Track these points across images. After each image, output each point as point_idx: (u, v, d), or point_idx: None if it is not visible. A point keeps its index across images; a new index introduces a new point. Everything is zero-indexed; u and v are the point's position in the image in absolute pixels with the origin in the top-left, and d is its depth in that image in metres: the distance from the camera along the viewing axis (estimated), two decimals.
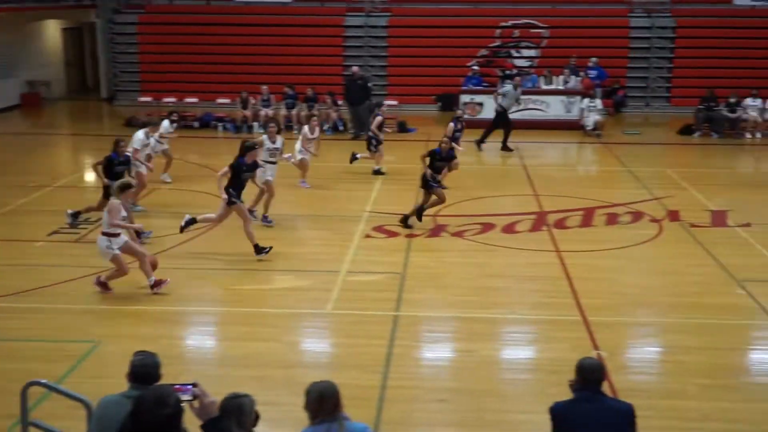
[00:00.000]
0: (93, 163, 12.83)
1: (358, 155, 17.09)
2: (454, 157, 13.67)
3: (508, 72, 25.23)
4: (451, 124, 16.83)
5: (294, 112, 22.92)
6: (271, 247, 11.50)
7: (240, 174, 11.51)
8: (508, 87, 21.01)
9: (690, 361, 8.48)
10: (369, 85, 22.46)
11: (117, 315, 9.65)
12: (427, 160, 13.24)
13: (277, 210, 13.47)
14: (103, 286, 10.06)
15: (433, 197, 13.20)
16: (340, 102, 23.56)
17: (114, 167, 12.26)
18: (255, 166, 11.97)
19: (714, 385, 7.92)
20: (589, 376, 5.24)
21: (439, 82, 26.25)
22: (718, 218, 13.68)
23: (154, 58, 27.16)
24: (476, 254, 11.98)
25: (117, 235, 9.86)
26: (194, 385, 3.80)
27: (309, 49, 26.54)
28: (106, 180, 12.19)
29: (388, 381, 7.98)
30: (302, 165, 15.86)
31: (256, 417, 4.55)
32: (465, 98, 23.28)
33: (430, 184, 13.13)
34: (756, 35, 25.49)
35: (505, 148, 19.85)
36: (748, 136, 21.82)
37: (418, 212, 13.16)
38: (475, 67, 25.21)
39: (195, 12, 27.57)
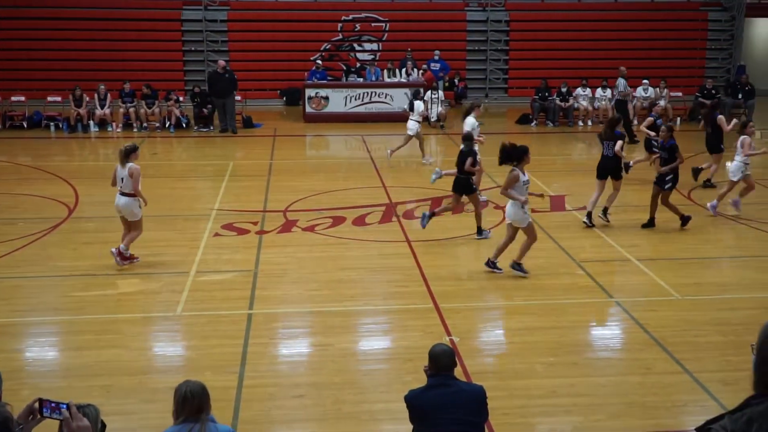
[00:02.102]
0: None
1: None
2: (676, 148, 12.71)
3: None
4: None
5: (132, 110, 22.04)
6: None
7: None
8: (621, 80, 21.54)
9: (536, 340, 8.83)
10: (235, 78, 22.07)
11: None
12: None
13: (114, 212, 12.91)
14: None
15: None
16: (182, 98, 23.02)
17: (464, 158, 12.27)
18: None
19: (559, 363, 8.28)
20: (441, 362, 5.39)
21: (283, 77, 26.14)
22: (557, 203, 14.34)
23: None
24: (328, 248, 11.98)
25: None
26: (68, 406, 3.55)
27: (146, 44, 25.70)
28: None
29: (244, 380, 7.84)
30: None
31: (103, 426, 4.40)
32: (310, 92, 23.25)
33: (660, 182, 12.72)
34: (584, 27, 26.97)
35: None
36: (581, 124, 23.06)
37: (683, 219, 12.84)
38: (319, 62, 25.23)
39: (19, 5, 25.93)
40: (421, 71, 24.94)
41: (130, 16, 25.99)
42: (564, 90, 23.13)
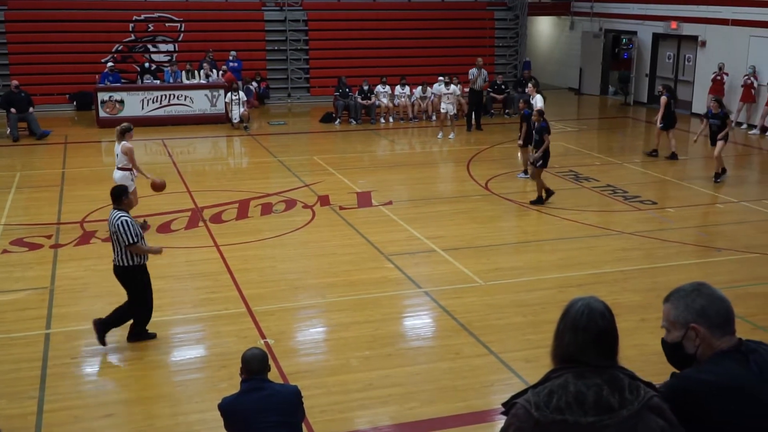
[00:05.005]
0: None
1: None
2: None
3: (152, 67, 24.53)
4: None
5: None
6: None
7: None
8: (473, 70, 22.58)
9: (350, 336, 8.93)
10: (29, 96, 21.16)
11: None
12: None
13: None
14: None
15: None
16: None
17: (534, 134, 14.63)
18: None
19: (374, 356, 8.42)
20: (252, 365, 5.39)
21: (72, 80, 24.75)
22: (364, 199, 14.57)
23: None
24: None
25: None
26: None
27: None
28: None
29: (45, 405, 7.34)
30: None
31: None
32: (103, 96, 22.18)
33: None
34: (380, 27, 27.57)
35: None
36: (383, 121, 23.56)
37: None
38: (110, 64, 24.11)
39: None
40: (221, 72, 24.49)
41: None
42: (366, 88, 23.53)
